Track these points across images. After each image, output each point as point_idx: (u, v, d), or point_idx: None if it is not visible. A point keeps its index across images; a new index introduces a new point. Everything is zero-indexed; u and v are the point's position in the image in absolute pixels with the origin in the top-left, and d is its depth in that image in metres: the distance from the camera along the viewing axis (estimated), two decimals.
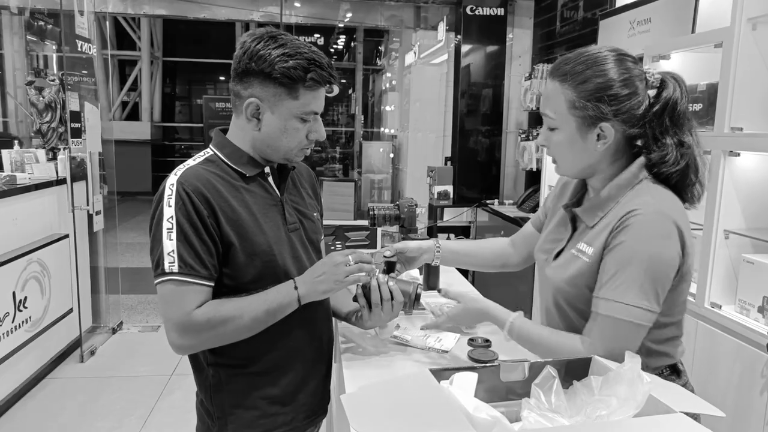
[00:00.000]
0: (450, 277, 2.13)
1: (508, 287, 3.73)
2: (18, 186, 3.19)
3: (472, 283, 4.38)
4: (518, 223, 3.55)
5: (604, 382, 0.91)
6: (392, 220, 2.32)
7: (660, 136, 1.11)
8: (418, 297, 1.33)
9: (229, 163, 1.26)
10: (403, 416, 0.75)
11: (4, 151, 3.51)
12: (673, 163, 1.10)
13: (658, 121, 1.11)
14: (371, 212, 2.31)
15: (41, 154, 3.64)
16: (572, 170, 1.23)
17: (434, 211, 4.37)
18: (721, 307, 1.97)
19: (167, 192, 1.16)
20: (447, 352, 1.41)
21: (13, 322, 2.97)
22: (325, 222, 3.97)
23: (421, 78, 6.27)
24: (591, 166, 1.18)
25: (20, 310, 3.03)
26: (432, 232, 4.39)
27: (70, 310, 3.60)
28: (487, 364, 0.95)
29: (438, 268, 1.92)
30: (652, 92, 1.12)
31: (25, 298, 3.07)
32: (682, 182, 1.12)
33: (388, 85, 9.10)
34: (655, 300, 1.06)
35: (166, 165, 10.44)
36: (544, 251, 1.33)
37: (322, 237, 1.55)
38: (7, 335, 2.92)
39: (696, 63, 2.30)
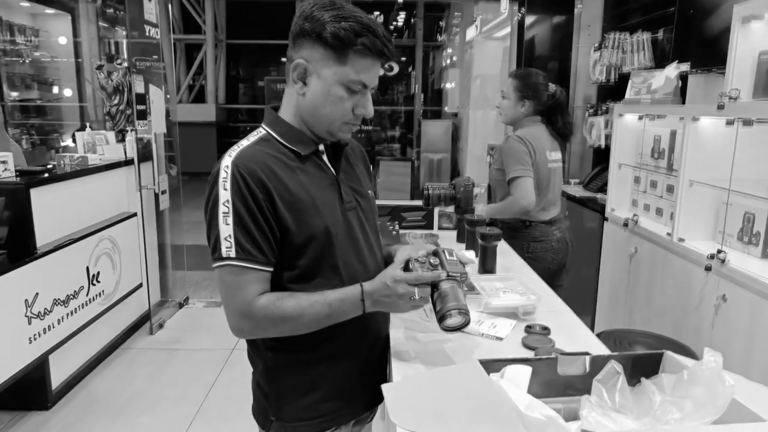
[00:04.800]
0: (506, 259, 2.05)
1: (575, 274, 3.58)
2: (90, 166, 3.33)
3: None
4: (585, 203, 3.38)
5: (677, 382, 0.82)
6: (447, 201, 2.25)
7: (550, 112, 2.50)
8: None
9: (283, 142, 1.23)
10: (448, 411, 0.70)
11: (78, 134, 3.66)
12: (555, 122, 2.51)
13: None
14: (425, 191, 2.25)
15: (111, 135, 3.78)
16: (507, 121, 2.55)
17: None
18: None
19: (222, 174, 1.14)
20: (501, 339, 1.35)
21: (87, 295, 3.12)
22: (381, 202, 3.97)
23: (483, 53, 6.07)
24: (517, 119, 2.50)
25: (93, 284, 3.18)
26: None
27: (140, 285, 3.75)
28: (544, 357, 0.88)
29: (495, 250, 1.84)
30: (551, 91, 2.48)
31: (98, 273, 3.22)
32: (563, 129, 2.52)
33: (448, 62, 8.89)
34: (527, 166, 2.32)
35: (230, 146, 10.69)
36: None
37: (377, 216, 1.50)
38: (83, 307, 3.08)
39: None
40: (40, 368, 2.82)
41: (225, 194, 1.13)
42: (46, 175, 2.98)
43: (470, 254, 2.00)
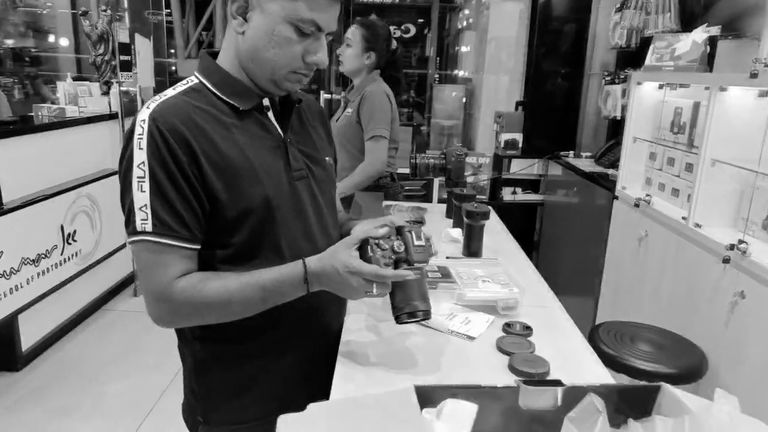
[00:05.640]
0: (497, 240, 1.82)
1: (579, 256, 3.36)
2: (66, 119, 3.14)
3: (536, 249, 4.03)
4: (594, 179, 3.14)
5: (676, 429, 0.62)
6: (437, 171, 2.03)
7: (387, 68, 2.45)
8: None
9: (218, 93, 1.01)
10: None
11: (59, 84, 3.46)
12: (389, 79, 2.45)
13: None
14: (412, 160, 2.03)
15: (95, 87, 3.57)
16: (348, 70, 2.42)
17: (500, 162, 3.99)
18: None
19: (138, 130, 0.93)
20: (473, 338, 1.14)
21: (61, 254, 2.97)
22: None
23: (499, 14, 5.72)
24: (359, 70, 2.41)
25: (69, 243, 3.03)
26: (496, 184, 4.03)
27: (124, 245, 3.60)
28: (500, 387, 0.67)
29: (482, 231, 1.62)
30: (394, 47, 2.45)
31: (74, 231, 3.06)
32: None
33: (465, 24, 8.51)
34: (387, 126, 2.33)
35: None
36: None
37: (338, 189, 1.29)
38: (56, 267, 2.93)
39: None
40: (8, 328, 2.69)
41: (140, 154, 0.92)
42: (12, 127, 2.79)
43: (456, 232, 1.79)
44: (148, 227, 0.91)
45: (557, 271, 3.59)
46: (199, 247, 0.97)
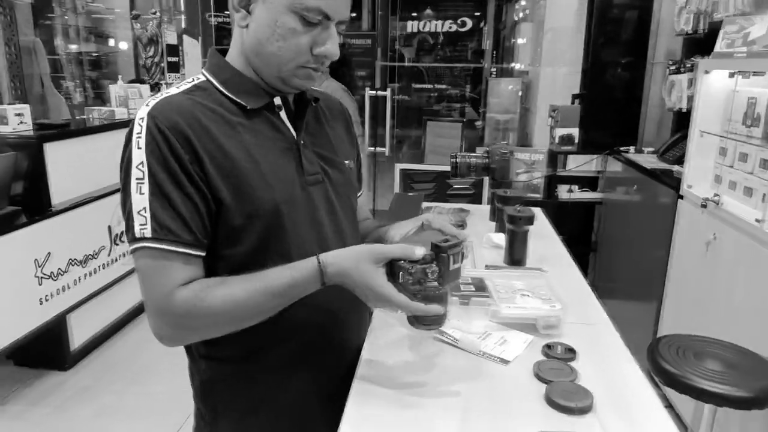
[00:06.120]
0: (545, 245, 1.66)
1: (639, 260, 3.13)
2: (116, 121, 3.19)
3: (595, 251, 3.80)
4: (657, 177, 2.90)
5: None
6: (479, 171, 1.89)
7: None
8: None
9: (225, 92, 0.94)
10: None
11: (111, 87, 3.53)
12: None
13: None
14: (453, 159, 1.90)
15: (145, 89, 3.62)
16: None
17: (555, 158, 3.78)
18: None
19: (136, 129, 0.87)
20: (508, 362, 1.02)
21: (109, 255, 3.02)
22: (427, 167, 3.58)
23: (556, 3, 5.48)
24: None
25: (116, 244, 3.08)
26: (551, 182, 3.83)
27: None
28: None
29: (525, 237, 1.48)
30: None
31: (122, 232, 3.11)
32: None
33: (521, 15, 8.25)
34: None
35: None
36: None
37: (361, 194, 1.19)
38: (103, 268, 2.98)
39: None
40: (58, 328, 2.75)
41: (139, 154, 0.85)
42: (63, 129, 2.85)
43: (499, 238, 1.65)
44: (147, 232, 0.84)
45: (616, 276, 3.37)
46: (203, 253, 0.89)
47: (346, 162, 1.08)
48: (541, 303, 1.14)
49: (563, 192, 3.83)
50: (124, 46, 6.12)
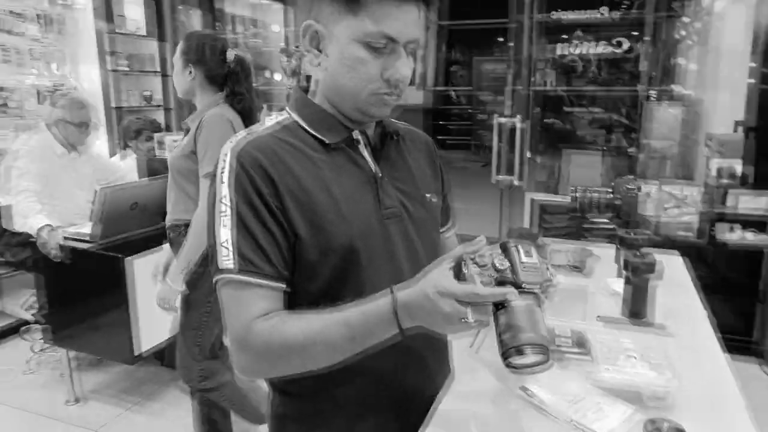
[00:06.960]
0: (678, 297, 1.45)
1: None
2: None
3: (762, 302, 3.27)
4: None
5: None
6: (602, 208, 1.73)
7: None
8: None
9: (306, 128, 0.96)
10: None
11: (260, 113, 3.84)
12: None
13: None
14: (573, 194, 1.76)
15: None
16: (181, 93, 2.14)
17: (711, 194, 3.35)
18: None
19: (220, 164, 0.91)
20: None
21: None
22: (563, 198, 3.28)
23: (724, 22, 4.94)
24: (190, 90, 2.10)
25: None
26: (709, 222, 3.39)
27: None
28: None
29: (646, 288, 1.31)
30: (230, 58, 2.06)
31: None
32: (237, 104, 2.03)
33: (683, 34, 7.56)
34: None
35: (438, 128, 10.62)
36: None
37: (449, 229, 1.15)
38: None
39: None
40: None
41: (222, 189, 0.89)
42: None
43: (619, 285, 1.49)
44: (230, 264, 0.87)
45: None
46: (284, 285, 0.90)
47: (428, 195, 1.04)
48: (648, 369, 0.99)
49: (724, 232, 3.37)
50: (278, 77, 6.67)
